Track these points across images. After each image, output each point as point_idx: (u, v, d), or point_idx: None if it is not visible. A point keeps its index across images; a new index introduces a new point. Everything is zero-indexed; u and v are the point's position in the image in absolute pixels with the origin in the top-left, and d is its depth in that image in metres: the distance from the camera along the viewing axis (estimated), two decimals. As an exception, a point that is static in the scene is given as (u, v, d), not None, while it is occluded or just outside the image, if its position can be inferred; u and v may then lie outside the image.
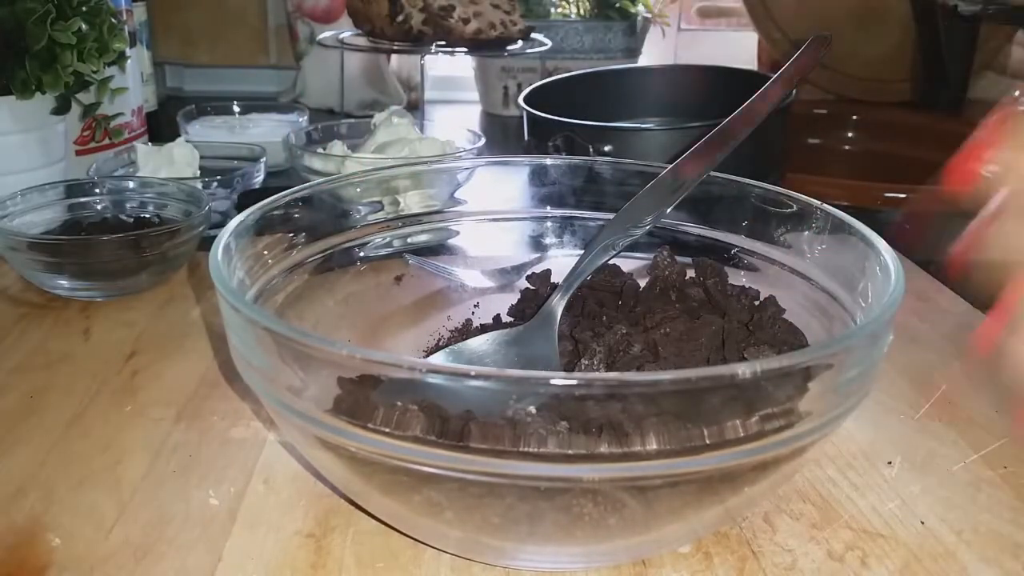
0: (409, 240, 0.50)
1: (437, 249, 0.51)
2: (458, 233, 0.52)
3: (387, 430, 0.28)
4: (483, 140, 0.79)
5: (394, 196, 0.49)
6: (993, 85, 1.17)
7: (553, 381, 0.26)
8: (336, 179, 0.47)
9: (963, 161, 0.29)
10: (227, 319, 0.33)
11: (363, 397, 0.30)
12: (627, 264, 0.48)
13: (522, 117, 0.82)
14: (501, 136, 1.16)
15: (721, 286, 0.44)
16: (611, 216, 0.45)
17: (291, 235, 0.43)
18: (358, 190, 0.48)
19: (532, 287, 0.49)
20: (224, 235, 0.37)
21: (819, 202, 0.42)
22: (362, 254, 0.48)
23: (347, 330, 0.46)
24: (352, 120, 0.89)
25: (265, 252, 0.41)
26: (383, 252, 0.49)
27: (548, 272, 0.49)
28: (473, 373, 0.27)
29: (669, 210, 0.43)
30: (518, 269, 0.52)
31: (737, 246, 0.46)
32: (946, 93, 1.15)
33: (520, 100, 0.83)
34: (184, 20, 1.25)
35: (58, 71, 0.65)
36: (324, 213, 0.46)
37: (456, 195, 0.52)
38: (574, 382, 0.26)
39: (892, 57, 1.22)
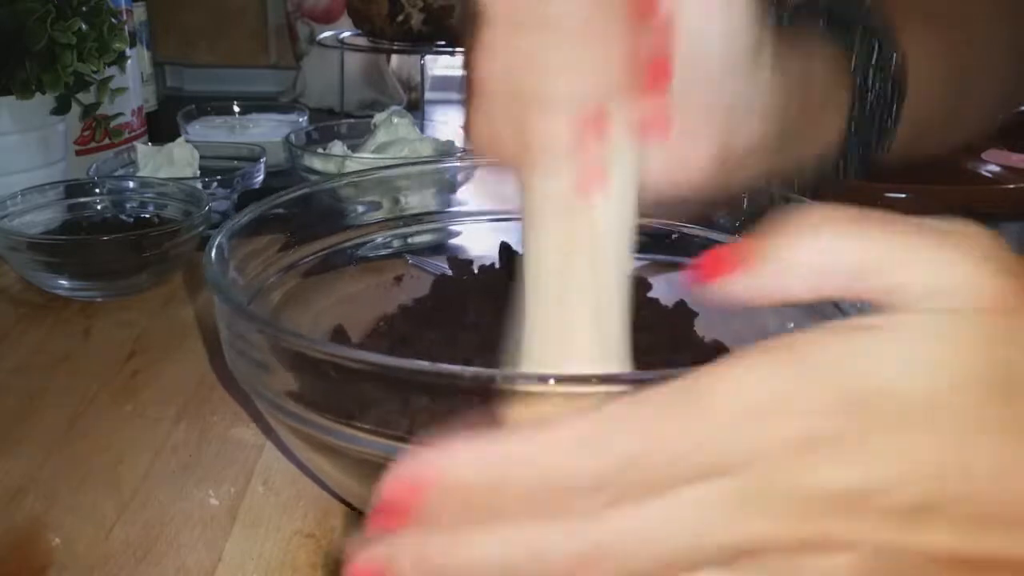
0: (409, 240, 0.50)
1: (437, 249, 0.51)
2: (458, 233, 0.52)
3: (379, 429, 0.28)
4: (483, 140, 0.79)
5: (394, 196, 0.49)
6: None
7: (551, 381, 0.26)
8: (336, 179, 0.47)
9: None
10: (220, 318, 0.33)
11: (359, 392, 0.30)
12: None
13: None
14: (501, 136, 1.15)
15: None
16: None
17: (290, 235, 0.43)
18: (358, 190, 0.48)
19: (450, 271, 0.47)
20: (219, 235, 0.37)
21: (820, 202, 0.41)
22: (362, 254, 0.48)
23: (347, 330, 0.46)
24: (352, 120, 0.89)
25: (263, 252, 0.41)
26: (383, 252, 0.49)
27: (470, 261, 0.48)
28: (469, 375, 0.27)
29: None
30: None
31: (737, 246, 0.45)
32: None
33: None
34: (184, 20, 1.25)
35: (58, 71, 0.65)
36: (324, 213, 0.46)
37: (456, 195, 0.52)
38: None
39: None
